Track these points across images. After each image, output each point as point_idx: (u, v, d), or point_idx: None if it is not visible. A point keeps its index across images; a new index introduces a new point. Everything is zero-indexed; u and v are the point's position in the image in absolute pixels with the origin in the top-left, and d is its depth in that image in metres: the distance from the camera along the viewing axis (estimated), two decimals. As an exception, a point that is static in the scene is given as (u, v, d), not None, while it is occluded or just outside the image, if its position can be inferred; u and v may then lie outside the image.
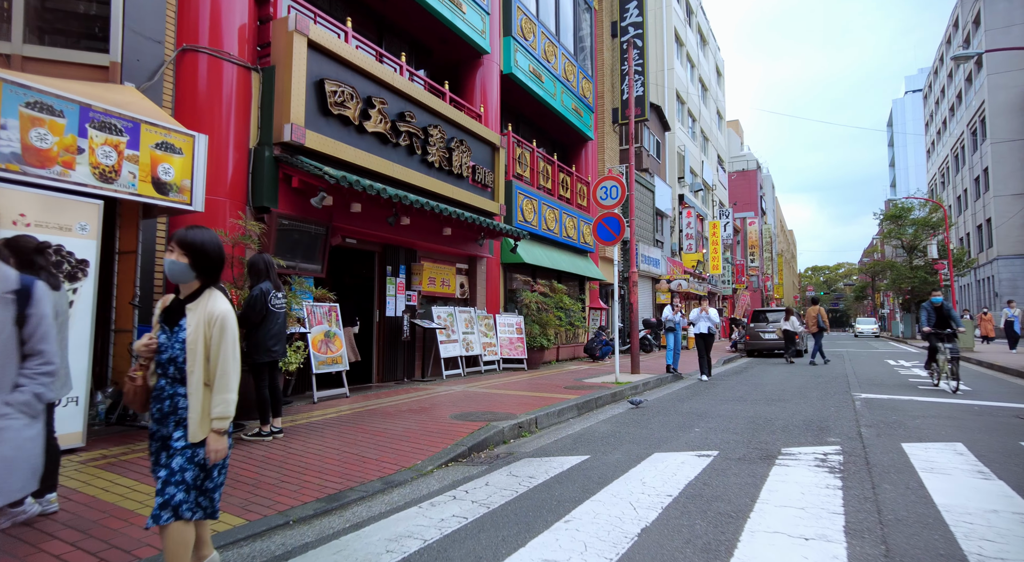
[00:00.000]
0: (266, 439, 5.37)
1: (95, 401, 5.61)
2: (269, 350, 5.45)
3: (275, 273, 5.66)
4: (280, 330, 5.58)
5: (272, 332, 5.48)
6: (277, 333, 5.53)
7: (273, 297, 5.52)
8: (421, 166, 9.83)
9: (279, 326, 5.56)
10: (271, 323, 5.48)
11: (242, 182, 7.30)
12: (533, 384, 9.84)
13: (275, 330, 5.51)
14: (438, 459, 4.87)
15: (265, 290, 5.47)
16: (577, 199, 16.70)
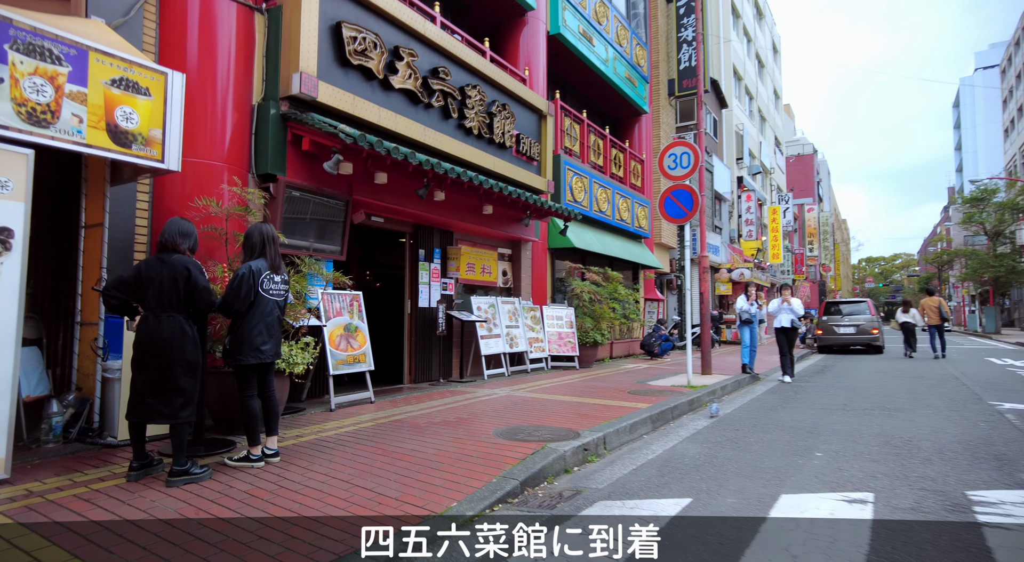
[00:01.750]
0: (256, 465, 4.07)
1: (48, 412, 4.44)
2: (257, 349, 4.14)
3: (275, 249, 4.33)
4: (274, 323, 4.27)
5: (262, 325, 4.19)
6: (269, 327, 4.22)
7: (266, 280, 4.20)
8: (457, 132, 8.44)
9: (272, 318, 4.26)
10: (261, 313, 4.19)
11: (243, 145, 6.05)
12: (590, 387, 8.37)
13: (266, 323, 4.21)
14: (479, 500, 3.48)
15: (256, 269, 4.14)
16: (631, 178, 15.07)
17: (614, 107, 15.61)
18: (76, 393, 4.74)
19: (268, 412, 4.25)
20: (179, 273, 3.75)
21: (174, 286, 3.74)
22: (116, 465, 4.02)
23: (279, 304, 4.32)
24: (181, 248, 3.86)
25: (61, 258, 4.96)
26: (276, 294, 4.28)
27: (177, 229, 3.90)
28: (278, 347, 4.32)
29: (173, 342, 3.70)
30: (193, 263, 3.84)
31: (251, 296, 4.10)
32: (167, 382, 3.68)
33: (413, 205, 7.75)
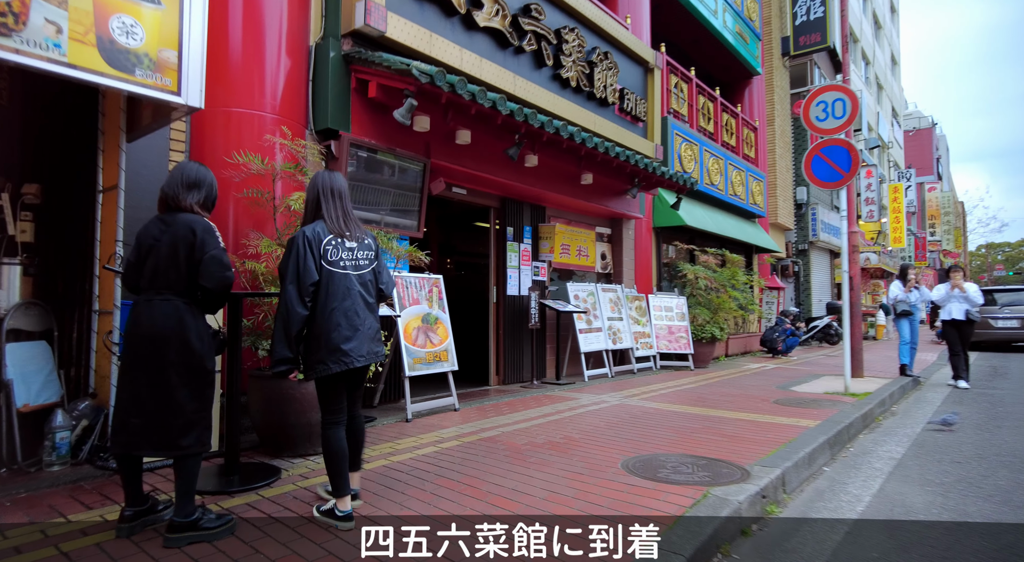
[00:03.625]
0: (344, 526, 2.70)
1: (52, 425, 3.45)
2: (337, 349, 2.70)
3: (340, 205, 2.89)
4: (356, 309, 2.78)
5: (339, 314, 2.73)
6: (349, 315, 2.75)
7: (333, 248, 2.78)
8: (552, 84, 7.02)
9: (353, 301, 2.77)
10: (334, 296, 2.75)
11: (298, 95, 4.92)
12: (720, 395, 6.74)
13: (344, 309, 2.75)
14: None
15: (312, 236, 2.76)
16: (744, 148, 13.06)
17: (722, 68, 13.62)
18: (90, 400, 3.74)
19: (354, 444, 2.94)
20: (180, 237, 2.56)
21: (172, 256, 2.56)
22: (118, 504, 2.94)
23: (361, 279, 2.84)
24: (184, 203, 2.66)
25: (76, 231, 3.99)
26: (351, 266, 2.82)
27: (181, 176, 2.71)
28: (372, 343, 2.83)
29: (168, 337, 2.52)
30: (202, 223, 2.64)
31: (313, 275, 2.72)
32: (160, 396, 2.51)
33: (500, 172, 6.43)
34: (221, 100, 4.47)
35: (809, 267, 17.02)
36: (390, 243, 4.27)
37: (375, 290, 2.92)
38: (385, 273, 2.98)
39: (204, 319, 2.69)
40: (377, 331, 2.89)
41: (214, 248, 2.59)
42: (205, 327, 2.67)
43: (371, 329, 2.84)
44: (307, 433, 3.81)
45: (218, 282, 2.61)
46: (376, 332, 2.88)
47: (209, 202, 2.79)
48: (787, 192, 15.69)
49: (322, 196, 2.88)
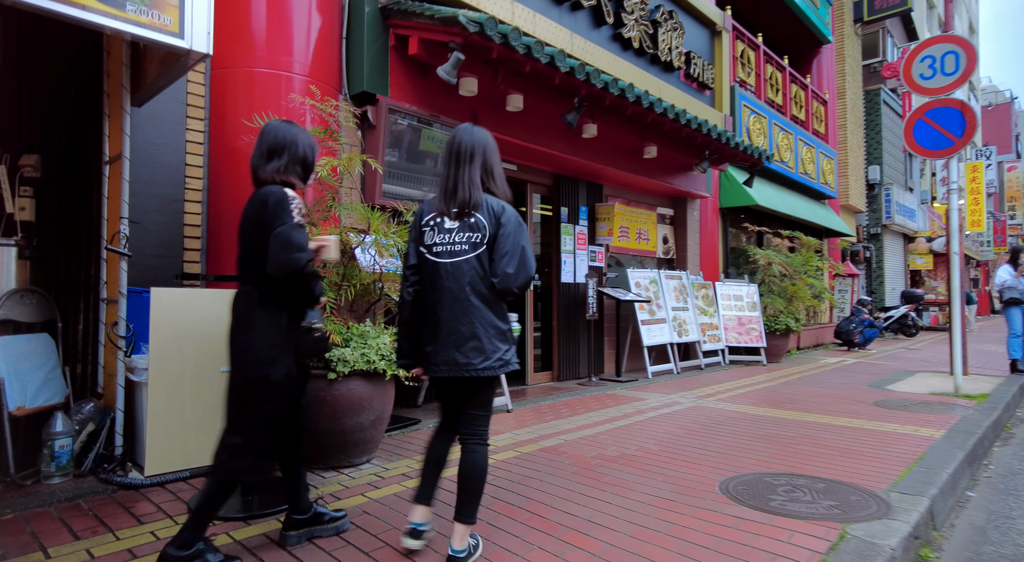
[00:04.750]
0: (402, 541, 2.23)
1: (50, 432, 2.98)
2: (423, 351, 2.22)
3: (455, 174, 2.22)
4: (434, 306, 2.18)
5: (425, 310, 2.22)
6: (436, 312, 2.18)
7: (431, 229, 2.23)
8: (612, 44, 6.26)
9: (445, 296, 2.16)
10: (425, 287, 2.22)
11: (331, 54, 4.34)
12: (807, 395, 5.89)
13: (429, 304, 2.20)
14: None
15: (417, 212, 2.33)
16: (813, 122, 11.94)
17: (789, 36, 12.44)
18: (96, 402, 3.26)
19: (460, 478, 2.19)
20: (252, 215, 2.14)
21: (246, 237, 2.18)
22: (124, 530, 2.42)
23: (454, 269, 2.16)
24: (263, 174, 2.21)
25: (81, 208, 3.51)
26: (444, 252, 2.18)
27: (259, 143, 2.28)
28: (457, 352, 2.13)
29: (235, 336, 2.15)
30: (275, 194, 2.11)
31: (410, 257, 2.27)
32: (229, 402, 2.15)
33: (555, 144, 5.72)
34: (244, 60, 3.93)
35: (882, 253, 15.67)
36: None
37: (484, 283, 2.16)
38: (506, 260, 2.14)
39: (281, 315, 2.16)
40: (469, 337, 2.13)
41: (281, 223, 2.05)
42: (275, 325, 2.14)
43: (455, 334, 2.13)
44: (340, 442, 3.24)
45: (278, 266, 2.03)
46: (467, 338, 2.13)
47: (298, 167, 2.28)
48: (858, 171, 14.41)
49: (441, 160, 2.29)
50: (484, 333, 2.13)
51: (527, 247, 2.20)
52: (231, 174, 3.85)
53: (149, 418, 3.02)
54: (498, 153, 2.33)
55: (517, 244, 2.16)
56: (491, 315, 2.16)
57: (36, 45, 3.52)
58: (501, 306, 2.21)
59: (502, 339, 2.18)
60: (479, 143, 2.25)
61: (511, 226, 2.17)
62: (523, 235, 2.20)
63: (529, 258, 2.18)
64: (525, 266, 2.16)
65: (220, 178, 3.89)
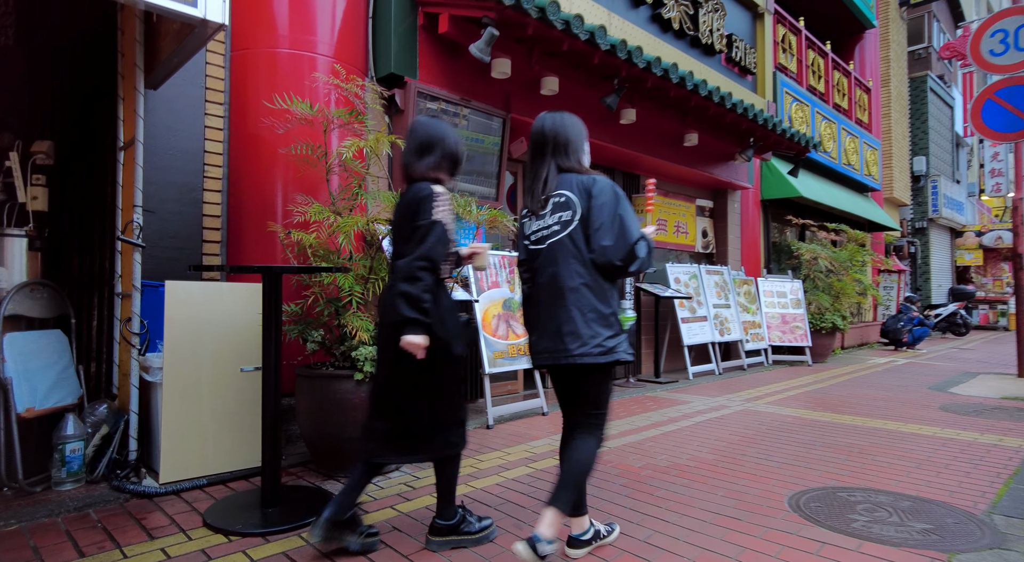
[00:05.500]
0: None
1: (61, 435, 2.78)
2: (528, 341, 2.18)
3: (543, 162, 2.14)
4: (534, 293, 2.14)
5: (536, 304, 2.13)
6: (530, 300, 2.16)
7: (529, 220, 2.17)
8: (651, 25, 5.92)
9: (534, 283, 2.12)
10: (531, 276, 2.15)
11: (356, 34, 4.09)
12: (861, 398, 5.47)
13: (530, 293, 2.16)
14: None
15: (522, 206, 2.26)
16: (856, 111, 11.37)
17: (830, 21, 11.86)
18: (110, 403, 3.06)
19: (562, 469, 2.07)
20: (404, 210, 2.16)
21: (398, 232, 2.20)
22: (133, 546, 2.19)
23: (550, 254, 2.05)
24: (415, 171, 2.21)
25: (95, 197, 3.32)
26: (542, 238, 2.09)
27: (409, 140, 2.26)
28: (555, 339, 2.01)
29: (390, 326, 2.11)
30: (424, 190, 2.12)
31: (520, 252, 2.24)
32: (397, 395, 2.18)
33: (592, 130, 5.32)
34: (265, 40, 3.70)
35: (928, 248, 14.94)
36: (468, 207, 3.37)
37: (580, 262, 2.00)
38: (601, 232, 1.97)
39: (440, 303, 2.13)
40: (564, 321, 1.99)
41: (423, 218, 2.06)
42: (448, 310, 2.16)
43: (552, 319, 2.02)
44: (370, 449, 2.98)
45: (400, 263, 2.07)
46: (562, 322, 2.00)
47: (447, 162, 2.25)
48: (903, 163, 13.73)
49: (529, 149, 2.20)
50: (580, 316, 1.97)
51: (627, 217, 1.99)
52: (252, 161, 3.63)
53: (164, 421, 2.80)
54: (579, 129, 2.17)
55: (614, 214, 1.98)
56: (590, 297, 1.99)
57: (48, 23, 3.34)
58: (603, 287, 2.02)
59: (603, 324, 1.99)
60: (548, 128, 2.14)
61: (605, 197, 2.00)
62: (621, 205, 2.01)
63: (631, 229, 1.97)
64: (625, 237, 1.95)
65: (240, 165, 3.67)
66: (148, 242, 3.07)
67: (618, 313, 2.06)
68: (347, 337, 3.06)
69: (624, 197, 2.06)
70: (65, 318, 3.13)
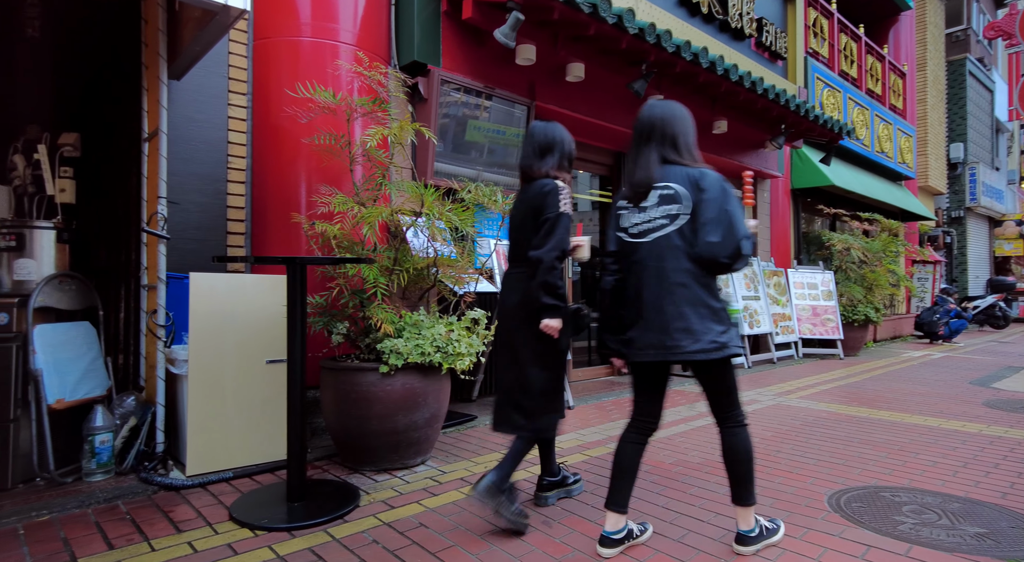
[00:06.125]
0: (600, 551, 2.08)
1: (91, 426, 2.79)
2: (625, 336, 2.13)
3: (645, 152, 2.11)
4: (636, 287, 2.09)
5: (628, 292, 2.14)
6: (632, 293, 2.11)
7: (628, 211, 2.13)
8: (679, 9, 5.75)
9: (635, 278, 2.09)
10: (626, 270, 2.15)
11: (379, 22, 4.03)
12: (899, 393, 5.29)
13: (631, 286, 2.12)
14: None
15: (618, 195, 2.25)
16: (890, 97, 11.00)
17: (864, 3, 11.45)
18: (138, 395, 3.07)
19: (727, 461, 2.16)
20: (529, 205, 2.37)
21: (523, 226, 2.41)
22: (160, 539, 2.18)
23: (655, 248, 2.03)
24: (537, 172, 2.41)
25: (120, 188, 3.32)
26: (642, 231, 2.07)
27: (530, 143, 2.46)
28: (663, 334, 1.99)
29: (513, 313, 2.39)
30: (549, 186, 2.33)
31: (609, 243, 2.23)
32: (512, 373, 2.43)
33: (617, 118, 5.28)
34: (287, 29, 3.66)
35: (965, 238, 14.45)
36: (494, 196, 3.29)
37: (689, 258, 1.99)
38: (708, 228, 1.94)
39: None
40: (675, 318, 1.98)
41: (550, 211, 2.27)
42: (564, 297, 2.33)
43: (659, 315, 2.01)
44: (393, 442, 2.94)
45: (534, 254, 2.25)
46: (672, 319, 1.98)
47: (565, 161, 2.47)
48: (939, 150, 13.27)
49: (632, 138, 2.18)
50: (693, 313, 1.97)
51: (735, 213, 1.97)
52: (275, 151, 3.60)
53: (190, 414, 2.79)
54: (689, 121, 2.15)
55: (722, 210, 1.95)
56: (700, 293, 1.99)
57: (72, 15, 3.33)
58: (711, 282, 2.03)
59: (715, 319, 1.99)
60: (656, 117, 2.12)
61: (714, 191, 1.98)
62: (730, 201, 1.98)
63: (738, 225, 1.95)
64: (733, 233, 1.93)
65: (264, 156, 3.64)
66: (173, 234, 3.06)
67: (726, 307, 2.06)
68: (372, 329, 3.02)
69: (732, 192, 2.02)
70: (93, 310, 3.14)
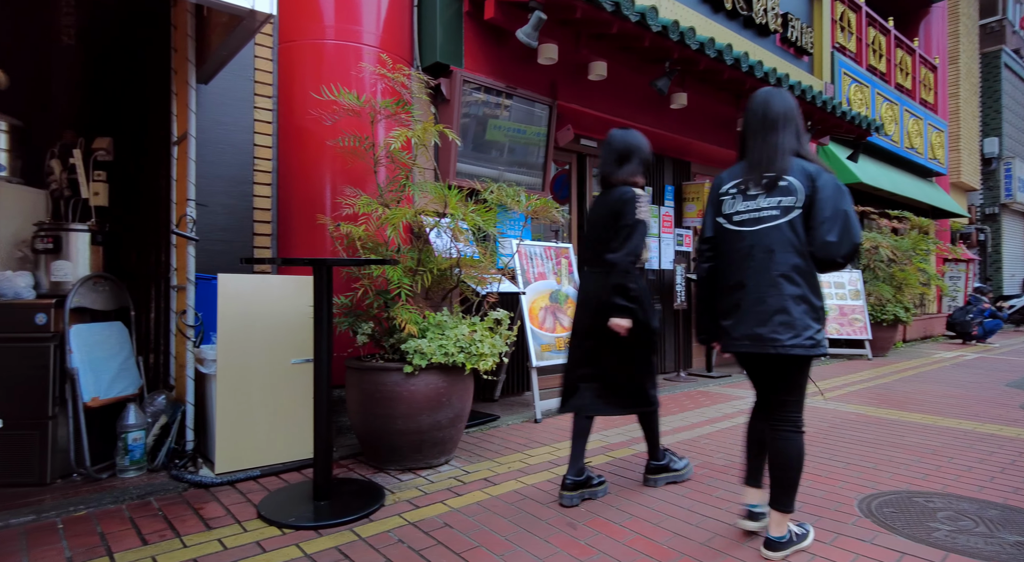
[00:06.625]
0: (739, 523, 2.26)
1: (124, 424, 2.86)
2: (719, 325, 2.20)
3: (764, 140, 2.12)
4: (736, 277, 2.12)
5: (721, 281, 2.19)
6: (731, 283, 2.14)
7: (732, 198, 2.17)
8: (702, 5, 5.69)
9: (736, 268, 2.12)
10: (721, 258, 2.20)
11: (402, 24, 4.05)
12: (931, 395, 5.16)
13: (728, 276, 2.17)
14: None
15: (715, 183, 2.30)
16: (920, 92, 10.74)
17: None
18: (168, 394, 3.13)
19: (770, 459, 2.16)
20: (608, 210, 2.58)
21: (601, 229, 2.62)
22: (192, 536, 2.22)
23: (762, 237, 2.04)
24: (615, 178, 2.62)
25: (150, 191, 3.39)
26: (748, 220, 2.09)
27: (608, 152, 2.67)
28: (763, 326, 2.01)
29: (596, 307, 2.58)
30: (627, 194, 2.53)
31: (706, 229, 2.25)
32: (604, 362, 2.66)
33: (640, 116, 5.24)
34: (311, 31, 3.70)
35: (999, 235, 14.06)
36: (517, 196, 3.29)
37: (797, 252, 2.00)
38: (826, 227, 1.95)
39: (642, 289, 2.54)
40: (776, 311, 1.99)
41: (628, 218, 2.48)
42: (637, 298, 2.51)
43: (759, 306, 2.02)
44: (417, 442, 2.96)
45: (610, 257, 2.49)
46: (773, 312, 2.00)
47: (643, 167, 2.67)
48: (972, 145, 12.91)
49: (747, 126, 2.18)
50: (794, 307, 1.97)
51: (851, 212, 1.99)
52: (300, 154, 3.64)
53: (218, 413, 2.84)
54: (799, 113, 2.17)
55: (839, 209, 1.96)
56: (804, 288, 1.99)
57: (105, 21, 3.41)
58: (815, 279, 2.03)
59: (814, 316, 2.00)
60: (789, 107, 2.13)
61: (830, 189, 1.98)
62: (845, 199, 1.99)
63: (854, 224, 1.97)
64: (850, 233, 1.95)
65: (289, 158, 3.68)
66: (201, 235, 3.11)
67: (824, 307, 2.07)
68: (396, 329, 3.04)
69: (847, 192, 2.01)
70: (125, 310, 3.21)
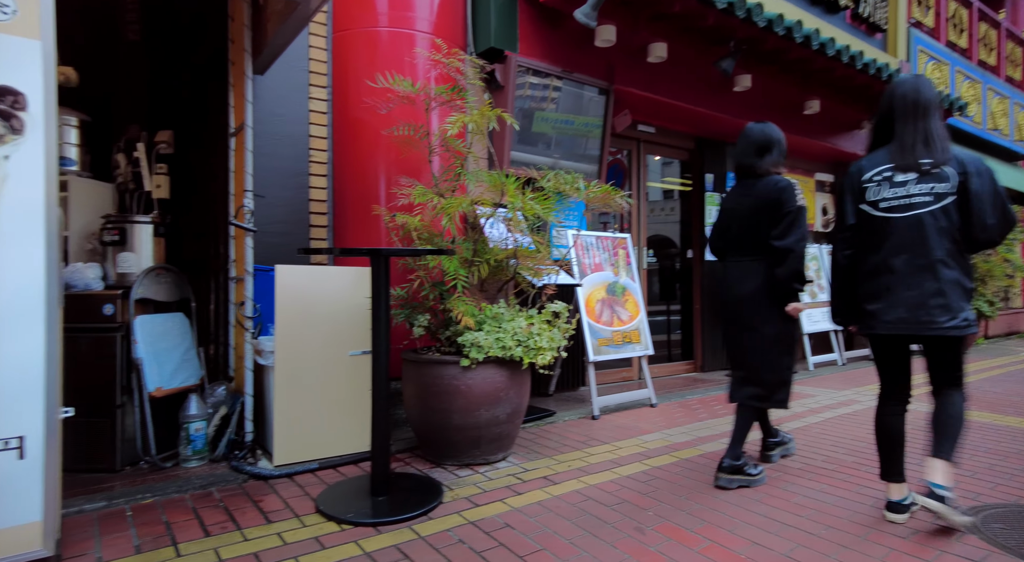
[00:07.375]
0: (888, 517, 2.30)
1: (186, 414, 2.88)
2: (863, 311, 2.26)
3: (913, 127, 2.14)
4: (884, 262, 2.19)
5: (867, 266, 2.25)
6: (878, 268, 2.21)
7: (877, 184, 2.21)
8: (769, -19, 5.35)
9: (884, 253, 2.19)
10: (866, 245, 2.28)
11: (455, 9, 3.96)
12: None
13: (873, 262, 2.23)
14: None
15: (852, 171, 2.33)
16: (1007, 68, 9.94)
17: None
18: (228, 385, 3.15)
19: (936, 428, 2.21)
20: (763, 200, 2.62)
21: (754, 219, 2.65)
22: (252, 529, 2.20)
23: (913, 222, 2.11)
24: (760, 169, 2.68)
25: (209, 183, 3.41)
26: (897, 206, 2.14)
27: (747, 144, 2.71)
28: (915, 310, 2.09)
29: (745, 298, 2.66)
30: (783, 182, 2.62)
31: (847, 217, 2.31)
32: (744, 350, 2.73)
33: (700, 100, 4.99)
34: (365, 19, 3.65)
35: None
36: (576, 183, 3.15)
37: (950, 236, 2.07)
38: (986, 211, 2.02)
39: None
40: (933, 293, 2.07)
41: (790, 206, 2.54)
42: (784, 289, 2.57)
43: (915, 289, 2.10)
44: (474, 437, 2.88)
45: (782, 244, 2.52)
46: (931, 295, 2.07)
47: (783, 157, 2.73)
48: (1063, 125, 11.89)
49: (896, 112, 2.17)
50: (951, 290, 2.05)
51: (1004, 195, 2.07)
52: (355, 144, 3.61)
53: (276, 405, 2.83)
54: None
55: (995, 192, 2.04)
56: (957, 271, 2.07)
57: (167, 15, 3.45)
58: (967, 261, 2.11)
59: (966, 298, 2.09)
60: (936, 93, 2.18)
61: (985, 174, 2.05)
62: (997, 182, 2.06)
63: (1010, 207, 2.06)
64: (1007, 215, 2.05)
65: (344, 149, 3.66)
66: (258, 227, 3.11)
67: (974, 287, 2.09)
68: (452, 322, 2.96)
69: (995, 173, 2.07)
70: (186, 301, 3.25)
